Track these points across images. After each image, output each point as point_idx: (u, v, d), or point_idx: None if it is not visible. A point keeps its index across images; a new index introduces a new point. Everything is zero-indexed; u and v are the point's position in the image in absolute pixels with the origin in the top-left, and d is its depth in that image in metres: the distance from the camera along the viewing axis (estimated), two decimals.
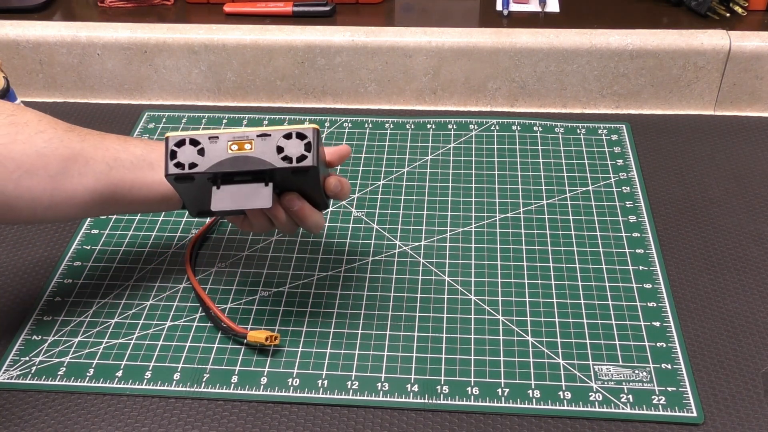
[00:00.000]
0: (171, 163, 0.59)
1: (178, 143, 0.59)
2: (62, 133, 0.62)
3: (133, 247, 0.77)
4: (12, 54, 0.95)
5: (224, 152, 0.59)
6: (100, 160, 0.62)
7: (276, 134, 0.60)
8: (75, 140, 0.62)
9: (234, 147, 0.59)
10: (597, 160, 0.85)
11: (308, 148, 0.59)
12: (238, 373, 0.65)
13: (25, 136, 0.60)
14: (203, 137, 0.59)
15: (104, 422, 0.61)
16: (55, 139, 0.61)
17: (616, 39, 0.89)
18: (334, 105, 0.97)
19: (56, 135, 0.61)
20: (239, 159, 0.59)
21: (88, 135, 0.63)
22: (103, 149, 0.63)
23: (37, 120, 0.62)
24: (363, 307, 0.70)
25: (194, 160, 0.59)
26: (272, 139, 0.60)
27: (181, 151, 0.59)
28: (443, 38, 0.91)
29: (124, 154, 0.63)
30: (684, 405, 0.61)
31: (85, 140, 0.63)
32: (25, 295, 0.72)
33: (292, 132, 0.60)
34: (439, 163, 0.86)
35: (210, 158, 0.59)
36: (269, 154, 0.59)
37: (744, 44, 0.88)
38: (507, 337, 0.66)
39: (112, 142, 0.64)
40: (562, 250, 0.74)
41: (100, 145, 0.63)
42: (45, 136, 0.61)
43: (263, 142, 0.60)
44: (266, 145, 0.60)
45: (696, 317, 0.68)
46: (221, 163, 0.59)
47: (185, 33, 0.93)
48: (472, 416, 0.61)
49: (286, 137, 0.60)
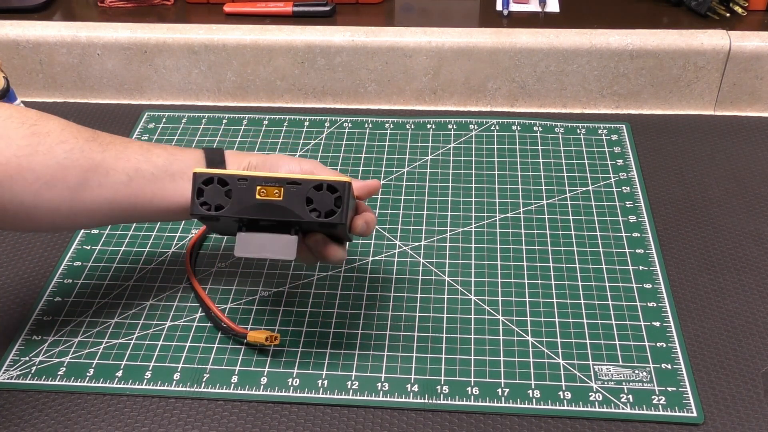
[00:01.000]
0: (197, 202, 0.58)
1: (206, 181, 0.58)
2: (83, 143, 0.61)
3: (133, 247, 0.77)
4: (12, 54, 0.95)
5: (252, 197, 0.58)
6: (120, 171, 0.61)
7: (306, 184, 0.58)
8: (96, 150, 0.61)
9: (263, 192, 0.58)
10: (597, 160, 0.85)
11: (338, 203, 0.58)
12: (238, 373, 0.65)
13: (46, 147, 0.59)
14: (232, 178, 0.58)
15: (104, 422, 0.61)
16: (76, 150, 0.60)
17: (616, 39, 0.89)
18: (334, 105, 0.97)
19: (77, 145, 0.60)
20: (266, 207, 0.58)
21: (110, 144, 0.62)
22: (124, 160, 0.61)
23: (59, 129, 0.60)
24: (363, 307, 0.70)
25: (221, 202, 0.58)
26: (302, 188, 0.58)
27: (209, 189, 0.58)
28: (443, 38, 0.91)
29: (146, 164, 0.62)
30: (684, 405, 0.61)
31: (106, 150, 0.61)
32: (25, 295, 0.72)
33: (323, 183, 0.58)
34: (439, 163, 0.86)
35: (237, 202, 0.58)
36: (297, 205, 0.58)
37: (744, 44, 0.88)
38: (507, 337, 0.66)
39: (134, 151, 0.63)
40: (562, 250, 0.74)
41: (121, 155, 0.62)
42: (66, 146, 0.60)
43: (293, 191, 0.58)
44: (295, 195, 0.58)
45: (696, 317, 0.68)
46: (248, 209, 0.58)
47: (185, 33, 0.93)
48: (472, 416, 0.61)
49: (317, 188, 0.58)
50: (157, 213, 0.63)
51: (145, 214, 0.63)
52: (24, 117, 0.60)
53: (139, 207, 0.62)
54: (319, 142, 0.90)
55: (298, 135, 0.91)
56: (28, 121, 0.60)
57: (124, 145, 0.63)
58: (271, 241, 0.59)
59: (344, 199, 0.58)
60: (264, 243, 0.59)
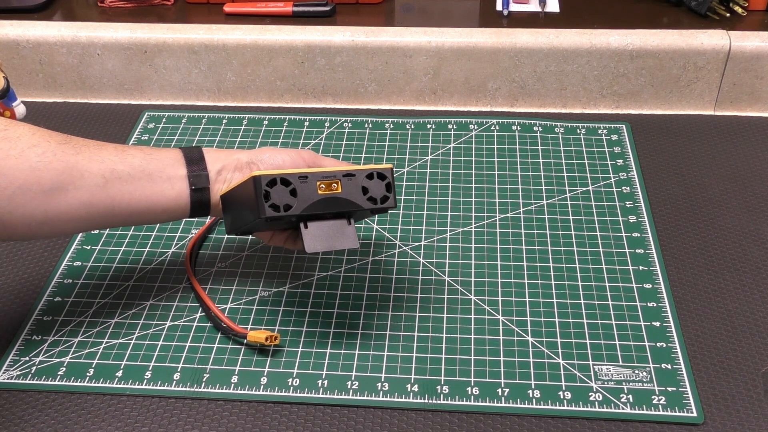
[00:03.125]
0: (266, 205, 0.59)
1: (270, 183, 0.59)
2: (56, 146, 0.59)
3: (133, 247, 0.77)
4: (12, 54, 0.95)
5: (315, 193, 0.60)
6: (95, 172, 0.60)
7: (360, 174, 0.62)
8: (69, 153, 0.60)
9: (322, 187, 0.61)
10: (597, 160, 0.85)
11: (389, 188, 0.62)
12: (238, 373, 0.65)
13: (17, 151, 0.58)
14: (293, 177, 0.60)
15: (104, 422, 0.61)
16: (48, 153, 0.59)
17: (616, 39, 0.89)
18: (334, 105, 0.97)
19: (50, 148, 0.59)
20: (330, 200, 0.61)
21: (83, 146, 0.61)
22: (98, 161, 0.60)
23: (30, 134, 0.59)
24: (363, 307, 0.70)
25: (288, 202, 0.60)
26: (357, 179, 0.62)
27: (274, 191, 0.59)
28: (443, 38, 0.91)
29: (122, 165, 0.61)
30: (684, 405, 0.61)
31: (80, 152, 0.60)
32: (25, 295, 0.72)
33: (373, 172, 0.62)
34: (439, 163, 0.86)
35: (303, 199, 0.60)
36: (356, 194, 0.62)
37: (744, 44, 0.88)
38: (507, 337, 0.66)
39: (108, 152, 0.61)
40: (562, 250, 0.74)
41: (95, 156, 0.60)
42: (38, 150, 0.58)
43: (349, 182, 0.61)
44: (352, 186, 0.61)
45: (696, 317, 0.68)
46: (314, 204, 0.60)
47: (185, 33, 0.93)
48: (472, 416, 0.61)
49: (369, 177, 0.62)
50: (137, 215, 0.63)
51: (125, 216, 0.62)
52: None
53: (117, 209, 0.61)
54: (319, 142, 0.90)
55: (298, 135, 0.91)
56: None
57: (98, 147, 0.62)
58: (335, 233, 0.62)
59: (392, 184, 0.63)
60: (329, 235, 0.62)
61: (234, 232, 0.66)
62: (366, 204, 0.62)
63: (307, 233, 0.62)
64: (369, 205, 0.62)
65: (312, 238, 0.62)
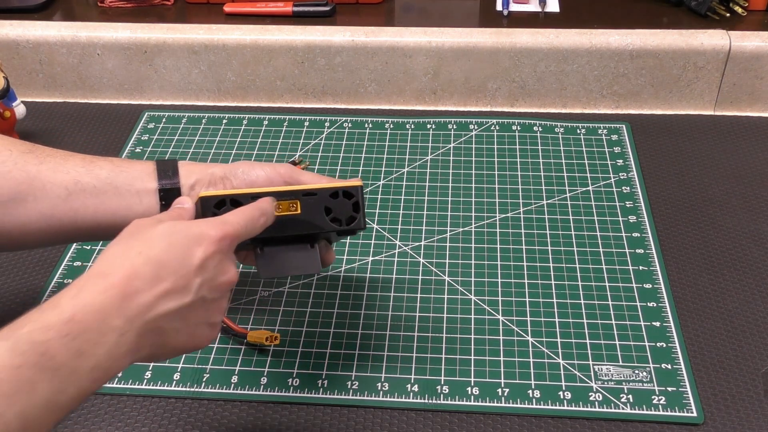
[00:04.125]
0: None
1: (218, 204, 0.54)
2: (18, 155, 0.57)
3: None
4: (12, 54, 0.95)
5: None
6: (58, 184, 0.57)
7: (323, 193, 0.57)
8: (32, 162, 0.57)
9: (279, 208, 0.56)
10: (597, 160, 0.85)
11: (356, 208, 0.58)
12: (238, 373, 0.65)
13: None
14: (245, 198, 0.55)
15: (104, 422, 0.61)
16: (9, 162, 0.56)
17: (616, 39, 0.89)
18: (334, 105, 0.97)
19: (11, 157, 0.57)
20: (287, 222, 0.56)
21: (48, 156, 0.58)
22: (63, 172, 0.57)
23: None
24: (363, 307, 0.70)
25: None
26: (319, 198, 0.57)
27: (222, 212, 0.54)
28: (443, 38, 0.91)
29: (87, 177, 0.58)
30: (684, 405, 0.61)
31: (43, 162, 0.57)
32: (25, 295, 0.72)
33: (338, 190, 0.57)
34: (439, 163, 0.86)
35: None
36: (318, 216, 0.57)
37: (744, 44, 0.88)
38: (507, 337, 0.66)
39: (75, 163, 0.58)
40: (562, 250, 0.74)
41: (60, 167, 0.58)
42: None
43: (310, 202, 0.56)
44: (314, 206, 0.57)
45: (696, 317, 0.68)
46: (272, 230, 0.55)
47: (185, 33, 0.93)
48: (472, 416, 0.61)
49: (333, 196, 0.57)
50: (103, 230, 0.59)
51: (89, 230, 0.59)
52: None
53: (80, 223, 0.58)
54: (319, 142, 0.90)
55: (298, 135, 0.91)
56: None
57: (65, 157, 0.59)
58: (293, 257, 0.58)
59: (361, 203, 0.58)
60: (286, 260, 0.58)
61: None
62: (329, 226, 0.57)
63: (261, 257, 0.57)
64: (332, 226, 0.57)
65: (266, 263, 0.58)
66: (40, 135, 0.92)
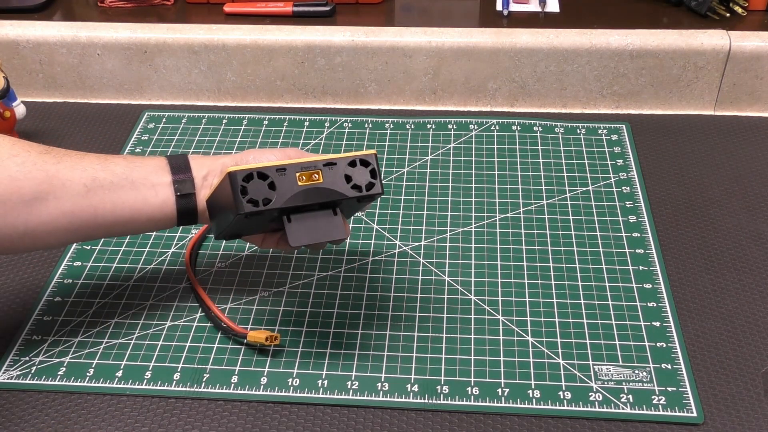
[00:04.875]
0: (243, 200, 0.56)
1: (246, 178, 0.57)
2: (36, 155, 0.59)
3: (134, 246, 0.77)
4: (12, 54, 0.95)
5: (295, 184, 0.58)
6: (77, 181, 0.59)
7: (342, 162, 0.59)
8: (50, 162, 0.59)
9: (302, 178, 0.58)
10: (597, 160, 0.85)
11: (374, 174, 0.60)
12: (238, 373, 0.65)
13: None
14: (270, 170, 0.57)
15: (104, 422, 0.61)
16: (28, 162, 0.58)
17: (616, 39, 0.89)
18: (334, 105, 0.97)
19: (30, 158, 0.58)
20: (311, 191, 0.58)
21: (65, 156, 0.60)
22: (80, 170, 0.59)
23: (9, 144, 0.59)
24: (363, 307, 0.70)
25: (267, 195, 0.57)
26: (338, 168, 0.59)
27: (251, 186, 0.57)
28: (443, 38, 0.91)
29: (104, 173, 0.60)
30: (684, 405, 0.61)
31: (61, 161, 0.59)
32: (25, 295, 0.72)
33: (356, 159, 0.60)
34: (439, 163, 0.86)
35: (282, 192, 0.58)
36: (339, 183, 0.59)
37: (744, 44, 0.88)
38: (507, 337, 0.66)
39: (90, 161, 0.60)
40: (562, 250, 0.74)
41: (77, 165, 0.59)
42: (18, 159, 0.58)
43: (330, 171, 0.59)
44: (334, 175, 0.59)
45: (696, 317, 0.68)
46: (294, 196, 0.58)
47: (185, 33, 0.93)
48: (472, 416, 0.61)
49: (351, 164, 0.59)
50: (122, 225, 0.61)
51: (109, 226, 0.61)
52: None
53: (100, 219, 0.60)
54: (319, 142, 0.90)
55: (298, 135, 0.91)
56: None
57: (80, 156, 0.61)
58: (319, 224, 0.60)
59: (377, 170, 0.60)
60: (313, 227, 0.60)
61: (221, 237, 0.64)
62: (350, 192, 0.59)
63: (291, 227, 0.59)
64: (354, 193, 0.59)
65: (296, 231, 0.59)
66: (40, 135, 0.92)
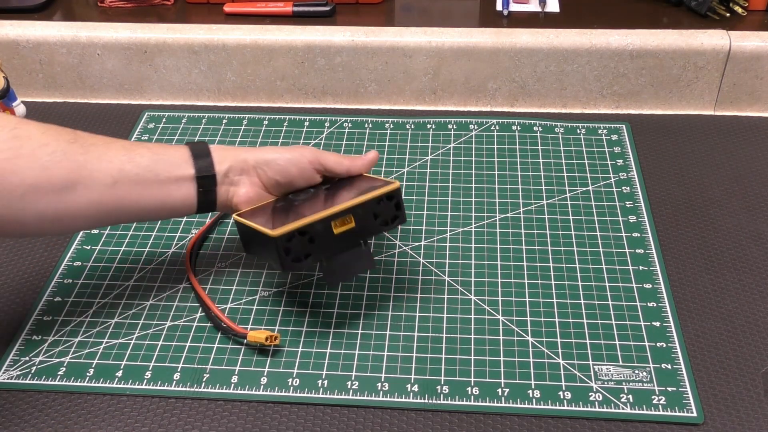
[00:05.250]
0: (288, 259, 0.61)
1: (288, 238, 0.61)
2: (65, 145, 0.60)
3: (133, 247, 0.77)
4: (12, 54, 0.95)
5: (331, 234, 0.63)
6: (104, 172, 0.61)
7: (370, 203, 0.64)
8: (78, 152, 0.60)
9: (337, 225, 0.63)
10: (597, 160, 0.85)
11: (398, 206, 0.65)
12: (238, 373, 0.65)
13: (28, 150, 0.58)
14: (310, 227, 0.62)
15: (104, 422, 0.61)
16: (58, 152, 0.59)
17: (616, 39, 0.89)
18: (334, 105, 0.97)
19: (59, 147, 0.60)
20: (346, 237, 0.63)
21: (92, 146, 0.62)
22: (107, 161, 0.61)
23: (40, 133, 0.60)
24: (363, 307, 0.70)
25: (308, 251, 0.62)
26: (368, 208, 0.64)
27: (293, 244, 0.61)
28: (443, 38, 0.91)
29: (129, 165, 0.62)
30: (684, 405, 0.61)
31: (88, 152, 0.61)
32: (25, 295, 0.72)
33: (382, 197, 0.64)
34: (439, 163, 0.86)
35: (321, 243, 0.63)
36: (369, 222, 0.64)
37: (744, 44, 0.88)
38: (507, 337, 0.66)
39: (117, 152, 0.62)
40: (562, 250, 0.74)
41: (104, 156, 0.61)
42: (48, 149, 0.59)
43: (361, 213, 0.64)
44: (365, 215, 0.64)
45: (696, 317, 0.68)
46: (331, 246, 0.63)
47: (185, 33, 0.93)
48: (472, 416, 0.61)
49: (378, 202, 0.64)
50: (146, 214, 0.64)
51: (134, 214, 0.64)
52: (4, 121, 0.59)
53: (126, 209, 0.63)
54: (319, 142, 0.90)
55: (298, 135, 0.91)
56: (8, 125, 0.59)
57: (107, 146, 0.62)
58: (352, 261, 0.65)
59: (401, 202, 0.65)
60: (347, 265, 0.65)
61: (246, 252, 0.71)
62: (378, 229, 0.65)
63: (327, 269, 0.65)
64: (382, 228, 0.65)
65: (331, 274, 0.65)
66: None
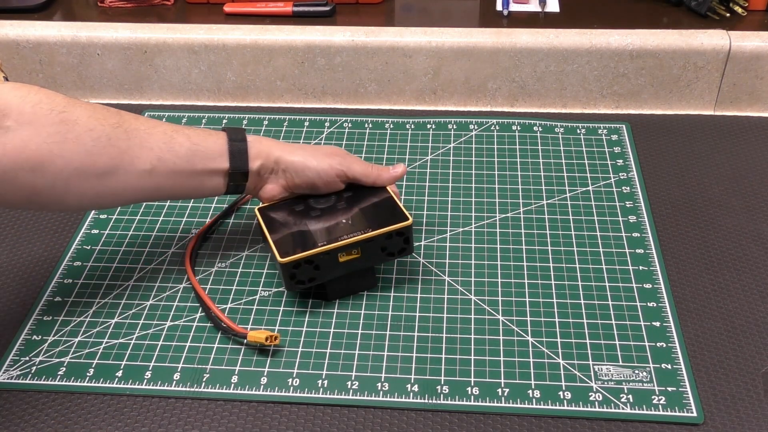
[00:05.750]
0: (292, 283, 0.66)
1: (295, 266, 0.65)
2: (110, 129, 0.63)
3: (133, 247, 0.77)
4: (12, 54, 0.95)
5: (336, 262, 0.66)
6: (144, 159, 0.64)
7: (378, 238, 0.66)
8: (122, 138, 0.63)
9: (343, 255, 0.66)
10: (597, 160, 0.85)
11: (407, 241, 0.68)
12: (238, 373, 0.65)
13: (74, 135, 0.61)
14: (316, 256, 0.65)
15: (104, 422, 0.61)
16: (103, 138, 0.62)
17: (616, 39, 0.89)
18: (334, 105, 0.97)
19: (104, 133, 0.62)
20: (351, 265, 0.67)
21: (135, 131, 0.64)
22: (147, 149, 0.64)
23: (87, 116, 0.62)
24: (363, 307, 0.70)
25: (312, 276, 0.66)
26: (376, 243, 0.66)
27: (299, 271, 0.65)
28: (443, 38, 0.91)
29: (168, 154, 0.65)
30: (684, 405, 0.61)
31: (131, 138, 0.63)
32: (25, 295, 0.72)
33: (392, 233, 0.67)
34: (439, 163, 0.86)
35: (325, 271, 0.66)
36: (375, 254, 0.67)
37: (744, 44, 0.88)
38: (507, 337, 0.66)
39: (157, 139, 0.65)
40: (562, 250, 0.74)
41: (145, 143, 0.64)
42: (94, 134, 0.62)
43: (368, 245, 0.66)
44: (371, 248, 0.67)
45: (696, 317, 0.68)
46: (335, 272, 0.67)
47: (185, 33, 0.93)
48: (472, 416, 0.61)
49: (387, 237, 0.67)
50: (178, 197, 0.69)
51: (166, 197, 0.68)
52: (53, 103, 0.61)
53: (163, 193, 0.67)
54: (319, 142, 0.90)
55: (298, 135, 0.91)
56: (57, 107, 0.61)
57: (149, 132, 0.65)
58: (354, 280, 0.69)
59: (410, 237, 0.67)
60: (349, 283, 0.69)
61: None
62: (384, 258, 0.68)
63: (330, 286, 0.68)
64: (387, 259, 0.68)
65: (334, 289, 0.69)
66: None
